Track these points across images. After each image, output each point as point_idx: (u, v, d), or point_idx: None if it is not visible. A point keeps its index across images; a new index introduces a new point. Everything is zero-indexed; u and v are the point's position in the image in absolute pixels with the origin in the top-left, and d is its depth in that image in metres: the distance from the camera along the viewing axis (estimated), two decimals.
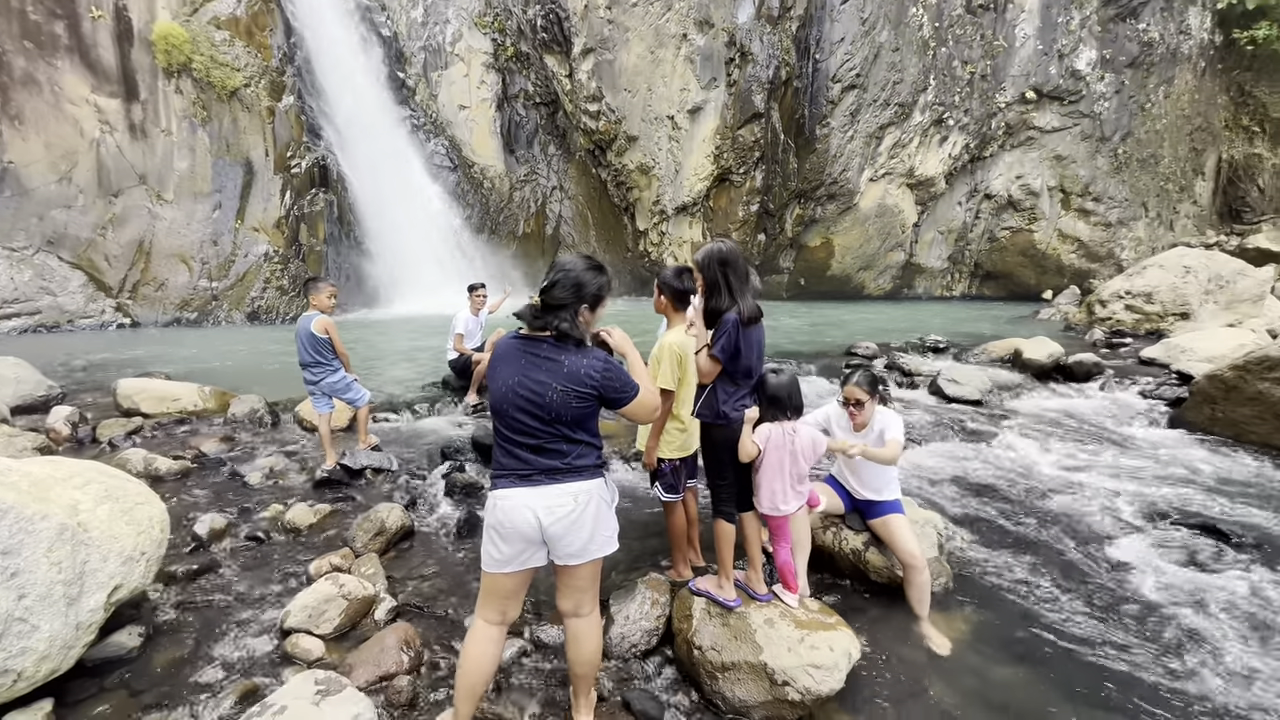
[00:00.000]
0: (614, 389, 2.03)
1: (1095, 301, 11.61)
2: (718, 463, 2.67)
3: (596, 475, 2.09)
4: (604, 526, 2.10)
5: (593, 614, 2.18)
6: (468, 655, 2.11)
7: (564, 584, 2.16)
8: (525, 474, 2.02)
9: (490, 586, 2.11)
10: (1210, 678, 2.74)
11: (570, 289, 2.02)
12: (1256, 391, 5.63)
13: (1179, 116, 19.71)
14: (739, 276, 2.63)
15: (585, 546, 2.05)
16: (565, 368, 1.99)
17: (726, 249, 2.66)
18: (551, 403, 1.98)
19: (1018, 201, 19.49)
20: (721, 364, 2.57)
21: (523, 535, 2.02)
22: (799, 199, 18.79)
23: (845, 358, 9.00)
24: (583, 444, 2.06)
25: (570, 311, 2.02)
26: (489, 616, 2.13)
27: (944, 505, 4.35)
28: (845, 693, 2.48)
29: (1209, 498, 4.59)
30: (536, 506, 1.99)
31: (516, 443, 2.03)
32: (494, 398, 2.05)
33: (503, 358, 2.07)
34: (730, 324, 2.54)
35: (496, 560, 2.07)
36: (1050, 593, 3.38)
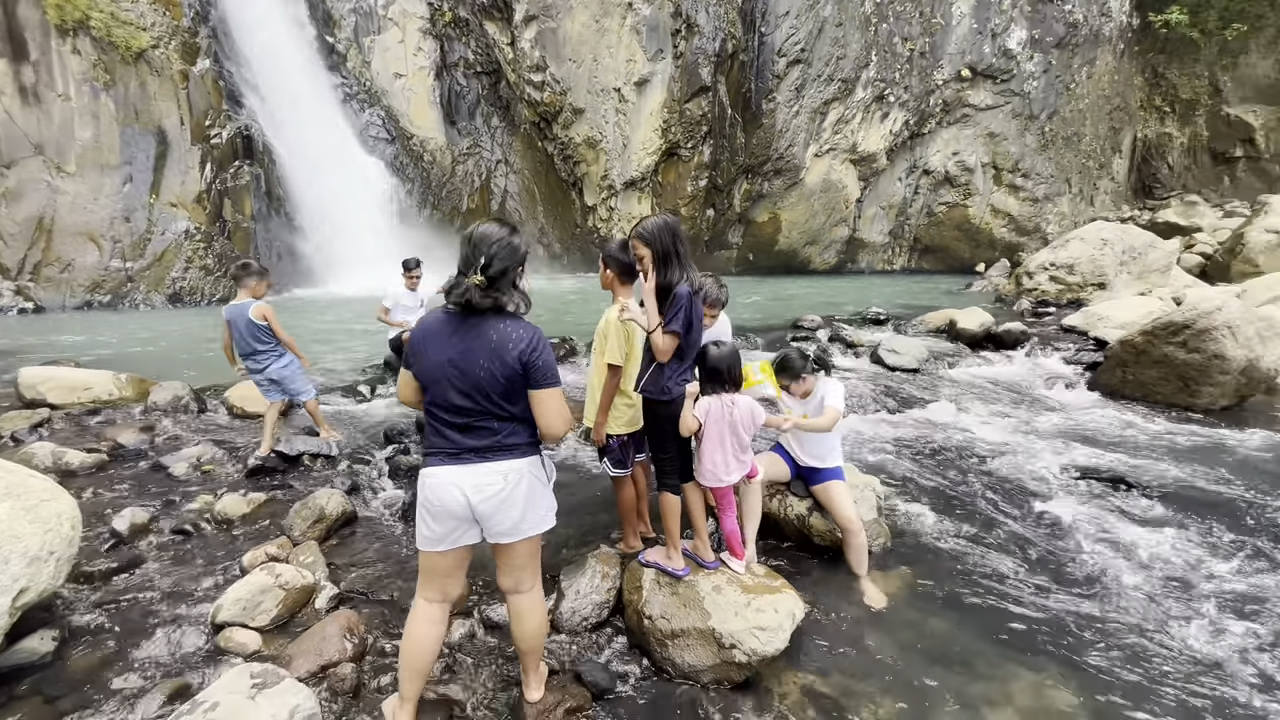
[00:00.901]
0: (540, 367, 1.96)
1: (1023, 273, 12.24)
2: (661, 436, 2.67)
3: (529, 453, 2.05)
4: (537, 505, 2.06)
5: (533, 590, 2.17)
6: (410, 635, 2.07)
7: (501, 562, 2.14)
8: (454, 452, 1.97)
9: (427, 565, 2.07)
10: (1117, 610, 2.98)
11: (508, 258, 1.95)
12: (1162, 355, 6.08)
13: (1100, 96, 20.77)
14: (686, 248, 2.62)
15: (517, 525, 2.02)
16: (494, 340, 1.93)
17: (673, 220, 2.64)
18: (482, 378, 1.93)
19: (954, 178, 20.21)
20: (681, 339, 2.55)
21: (452, 514, 1.98)
22: (747, 174, 18.91)
23: (792, 330, 9.20)
24: (514, 421, 2.01)
25: (510, 281, 1.96)
26: (429, 595, 2.09)
27: (884, 469, 4.53)
28: (790, 650, 2.57)
29: (1120, 453, 4.95)
30: (464, 485, 1.95)
31: (446, 421, 1.98)
32: (424, 375, 1.98)
33: (431, 333, 1.99)
34: (685, 297, 2.51)
35: (428, 538, 2.03)
36: (979, 546, 3.59)
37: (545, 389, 1.98)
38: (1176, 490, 4.28)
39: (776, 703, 2.44)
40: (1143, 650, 2.75)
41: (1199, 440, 5.30)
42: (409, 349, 2.03)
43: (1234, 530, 3.73)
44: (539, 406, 2.00)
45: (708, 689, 2.46)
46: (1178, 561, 3.41)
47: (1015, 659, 2.69)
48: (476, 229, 1.99)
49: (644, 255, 2.58)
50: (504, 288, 1.95)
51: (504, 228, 2.00)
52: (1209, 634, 2.85)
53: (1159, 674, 2.61)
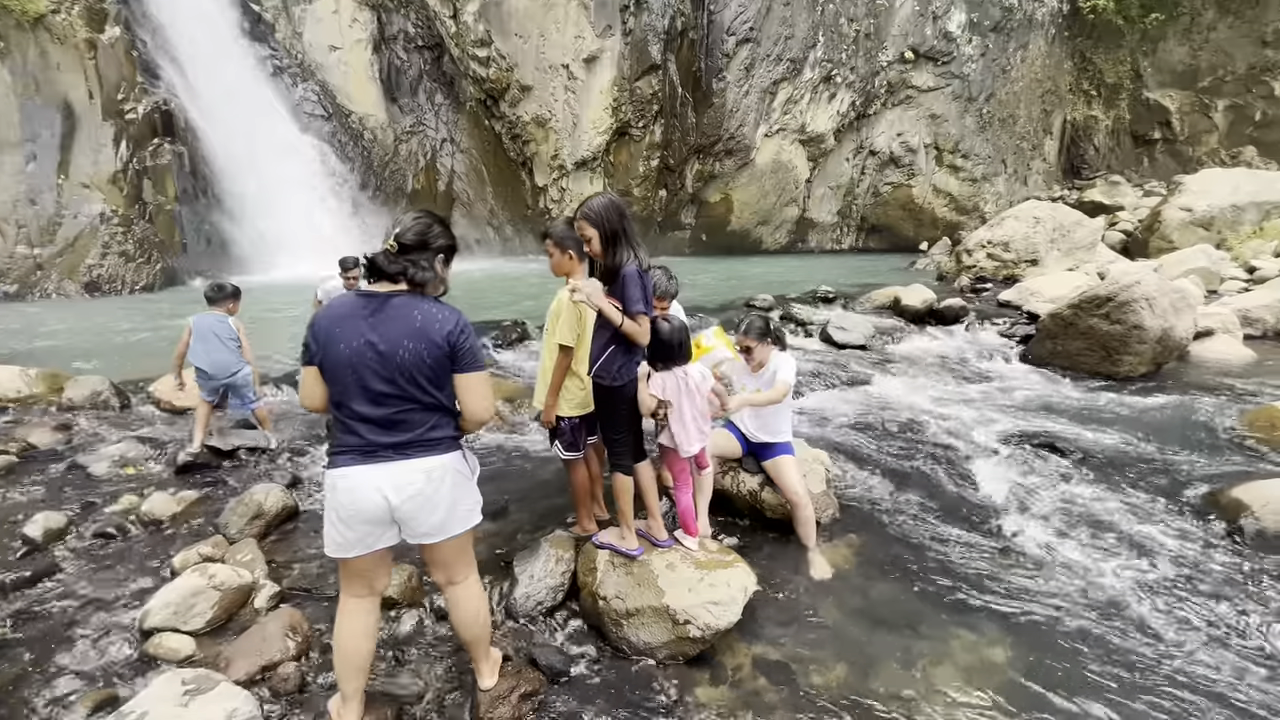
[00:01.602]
0: (467, 349, 1.88)
1: (962, 251, 12.72)
2: (613, 418, 2.65)
3: (452, 448, 1.95)
4: (462, 502, 1.98)
5: (468, 580, 2.10)
6: (340, 633, 1.99)
7: (429, 559, 2.07)
8: (369, 449, 1.83)
9: (345, 568, 1.97)
10: (1046, 568, 3.17)
11: (424, 233, 1.86)
12: (1087, 326, 6.44)
13: (1033, 80, 21.60)
14: (634, 227, 2.58)
15: (442, 524, 1.94)
16: (419, 321, 1.82)
17: (619, 199, 2.60)
18: (406, 361, 1.81)
19: (899, 158, 20.73)
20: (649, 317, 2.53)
21: (368, 518, 1.86)
22: (698, 154, 18.88)
23: (744, 310, 9.31)
24: (439, 412, 1.91)
25: (428, 258, 1.87)
26: (355, 591, 2.00)
27: (832, 443, 4.65)
28: (743, 623, 2.62)
29: (1049, 420, 5.24)
30: (384, 486, 1.83)
31: (360, 414, 1.83)
32: (332, 364, 1.82)
33: (341, 317, 1.83)
34: (635, 275, 2.48)
35: (339, 545, 1.90)
36: (922, 513, 3.74)
37: (472, 372, 1.90)
38: (1100, 453, 4.55)
39: (729, 674, 2.49)
40: (1069, 605, 2.93)
41: (1120, 406, 5.66)
42: (311, 338, 1.85)
43: (1148, 488, 4.01)
44: (466, 391, 1.91)
45: (663, 665, 2.49)
46: (1100, 520, 3.64)
47: (954, 620, 2.82)
48: (402, 213, 1.92)
49: (591, 237, 2.52)
50: (418, 261, 1.85)
51: (429, 214, 1.92)
52: (1126, 585, 3.05)
53: (1083, 626, 2.78)
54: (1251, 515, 3.43)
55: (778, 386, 3.22)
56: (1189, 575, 3.11)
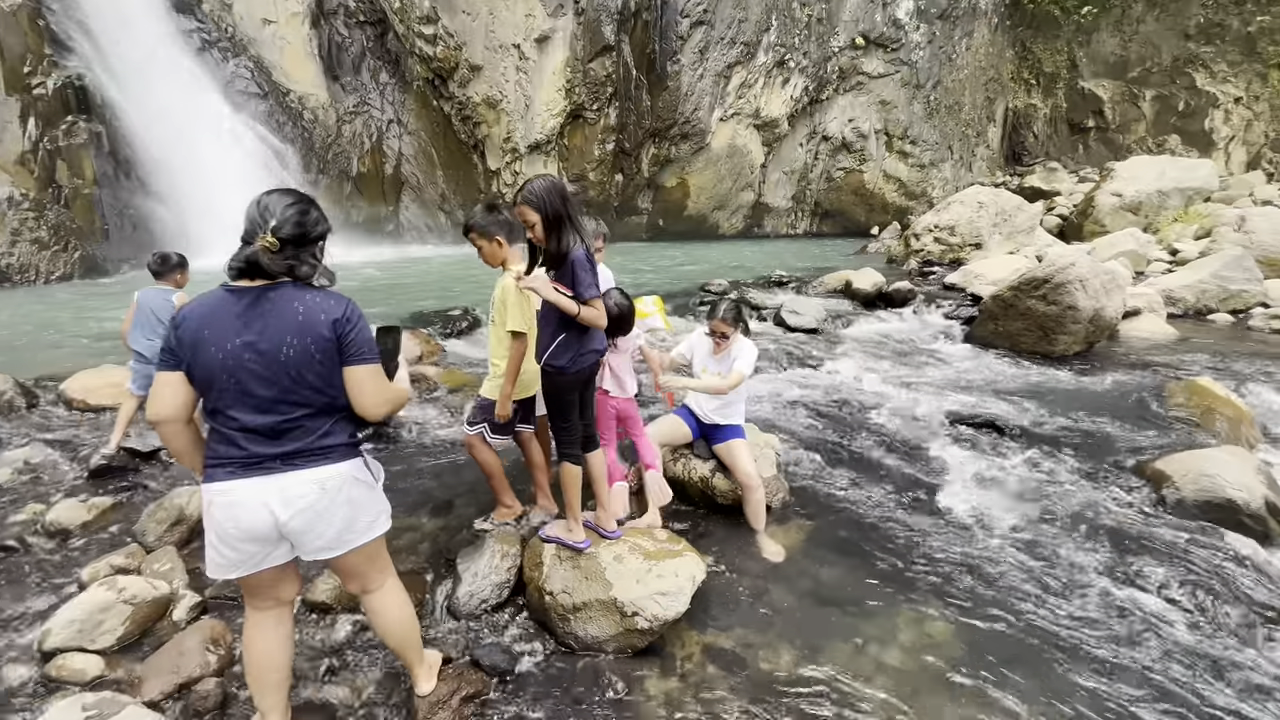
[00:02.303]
0: (357, 340, 1.72)
1: (911, 235, 13.03)
2: (563, 407, 2.56)
3: (350, 456, 1.79)
4: (363, 513, 1.82)
5: (384, 585, 1.97)
6: (248, 648, 1.85)
7: (336, 571, 1.94)
8: (252, 461, 1.66)
9: (242, 581, 1.81)
10: (987, 543, 3.26)
11: (307, 224, 1.69)
12: (1026, 307, 6.67)
13: (977, 68, 22.21)
14: (576, 209, 2.48)
15: (340, 537, 1.78)
16: (301, 314, 1.65)
17: (559, 181, 2.48)
18: (292, 359, 1.64)
19: (850, 144, 21.05)
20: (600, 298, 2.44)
21: (253, 536, 1.69)
22: (654, 138, 18.71)
23: (700, 295, 9.31)
24: (331, 415, 1.75)
25: (310, 252, 1.71)
26: (259, 603, 1.85)
27: (784, 427, 4.68)
28: (693, 611, 2.59)
29: (991, 399, 5.40)
30: (270, 500, 1.66)
31: (243, 424, 1.65)
32: (205, 370, 1.62)
33: (211, 317, 1.63)
34: (583, 256, 2.38)
35: (221, 566, 1.72)
36: (870, 494, 3.79)
37: (364, 365, 1.74)
38: (1037, 429, 4.72)
39: (679, 664, 2.46)
40: (1007, 576, 3.01)
41: (1056, 383, 5.89)
42: (174, 341, 1.63)
43: (1082, 462, 4.18)
44: (355, 387, 1.74)
45: (611, 659, 2.44)
46: (1037, 494, 3.77)
47: (900, 597, 2.87)
48: (265, 196, 1.70)
49: (534, 221, 2.41)
50: (302, 255, 1.68)
51: (299, 196, 1.72)
52: (1060, 555, 3.17)
53: (1019, 596, 2.87)
54: (1173, 485, 3.61)
55: (732, 375, 3.23)
56: (1118, 544, 3.25)
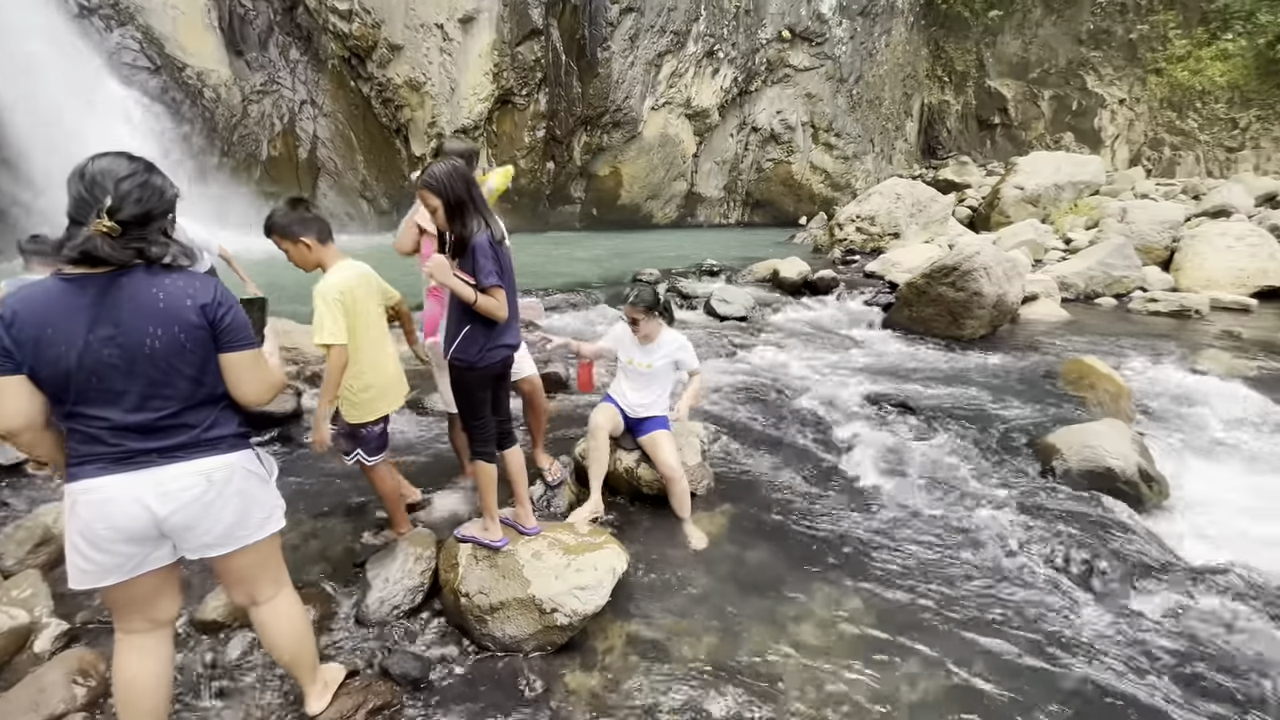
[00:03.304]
0: (232, 324, 1.58)
1: (835, 225, 13.51)
2: (473, 404, 2.47)
3: (239, 447, 1.68)
4: (257, 506, 1.71)
5: (277, 596, 1.84)
6: (119, 678, 1.67)
7: (222, 577, 1.80)
8: (125, 456, 1.51)
9: (110, 598, 1.64)
10: (897, 518, 3.42)
11: (149, 199, 1.50)
12: (937, 294, 7.04)
13: (895, 64, 23.19)
14: (482, 195, 2.38)
15: (230, 533, 1.66)
16: (163, 300, 1.50)
17: (462, 165, 2.37)
18: (156, 354, 1.50)
19: (779, 135, 21.55)
20: (502, 287, 2.32)
21: (129, 536, 1.54)
22: (586, 126, 18.49)
23: (631, 284, 9.30)
24: (217, 405, 1.63)
25: (158, 229, 1.53)
26: (130, 625, 1.67)
27: (709, 414, 4.74)
28: (615, 603, 2.58)
29: (905, 381, 5.68)
30: (146, 495, 1.52)
31: (112, 423, 1.50)
32: (53, 372, 1.45)
33: (50, 310, 1.44)
34: (488, 244, 2.28)
35: (88, 574, 1.56)
36: (793, 477, 3.90)
37: (242, 350, 1.61)
38: (946, 409, 5.00)
39: (600, 657, 2.45)
40: (914, 549, 3.17)
41: (964, 365, 6.26)
42: (6, 341, 1.43)
43: (985, 438, 4.46)
44: (235, 374, 1.61)
45: (530, 658, 2.39)
46: (944, 469, 3.98)
47: (817, 576, 2.96)
48: (92, 163, 1.47)
49: (435, 206, 2.30)
50: (149, 235, 1.50)
51: (135, 162, 1.51)
52: (963, 526, 3.36)
53: (927, 567, 3.03)
54: (1061, 457, 3.91)
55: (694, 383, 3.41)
56: (1014, 513, 3.47)
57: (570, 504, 3.40)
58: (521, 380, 3.34)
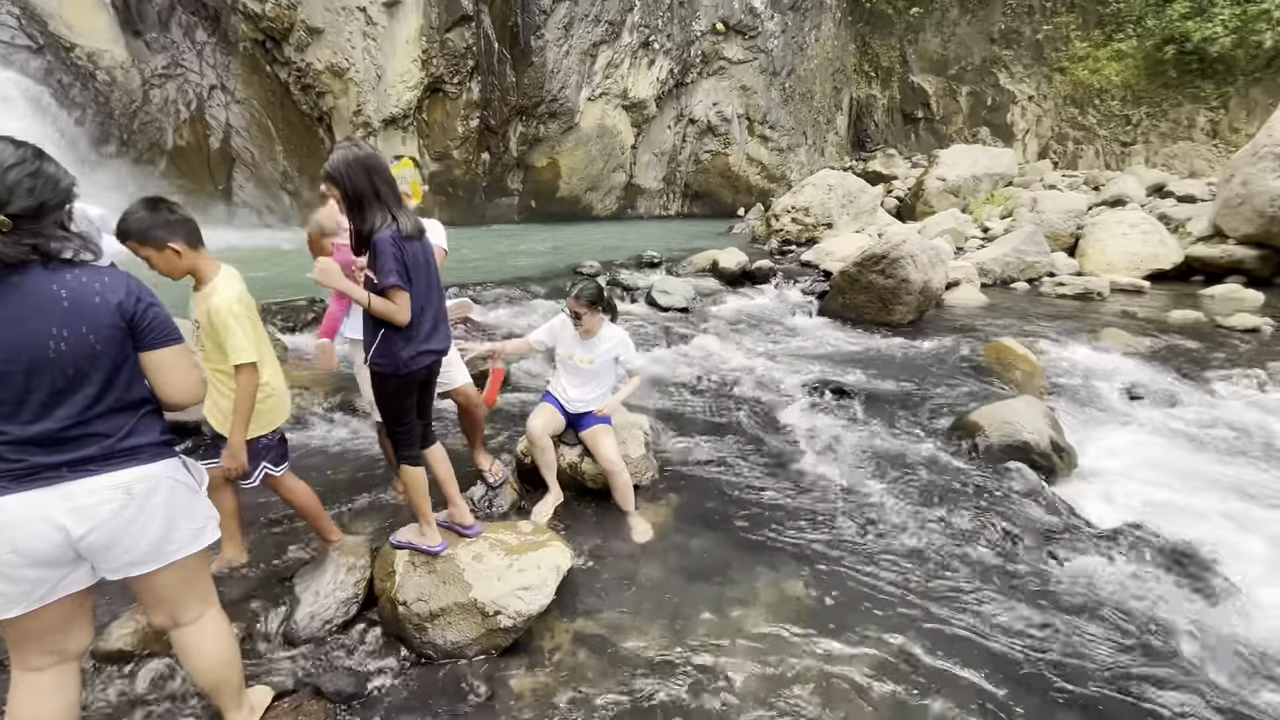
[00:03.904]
0: (154, 320, 1.47)
1: (771, 216, 13.80)
2: (399, 410, 2.36)
3: (162, 455, 1.56)
4: (186, 519, 1.61)
5: (203, 616, 1.73)
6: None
7: (142, 597, 1.67)
8: (28, 472, 1.38)
9: (10, 630, 1.50)
10: (833, 498, 3.53)
11: (43, 189, 1.36)
12: (868, 281, 7.32)
13: (825, 59, 23.84)
14: (390, 185, 2.20)
15: (156, 549, 1.55)
16: (67, 299, 1.38)
17: (365, 153, 2.19)
18: (64, 358, 1.38)
19: (715, 127, 21.77)
20: (407, 291, 2.17)
21: (35, 559, 1.40)
22: (521, 116, 18.09)
23: (572, 277, 9.20)
24: (136, 411, 1.50)
25: (54, 221, 1.40)
26: (32, 662, 1.52)
27: (653, 405, 4.75)
28: (560, 601, 2.55)
29: (840, 366, 5.88)
30: (56, 513, 1.40)
31: (9, 436, 1.37)
32: None
33: None
34: (390, 240, 2.13)
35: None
36: (736, 465, 3.96)
37: (167, 347, 1.50)
38: (878, 391, 5.21)
39: (547, 656, 2.41)
40: (851, 528, 3.28)
41: (894, 349, 6.53)
42: None
43: (914, 417, 4.67)
44: (161, 373, 1.50)
45: (474, 662, 2.33)
46: (877, 450, 4.15)
47: (761, 561, 3.02)
48: None
49: (336, 197, 2.17)
50: (45, 229, 1.37)
51: (23, 148, 1.37)
52: (894, 503, 3.51)
53: (862, 544, 3.14)
54: (983, 433, 4.14)
55: (631, 381, 3.44)
56: (942, 488, 3.65)
57: (513, 504, 3.33)
58: (454, 392, 3.16)
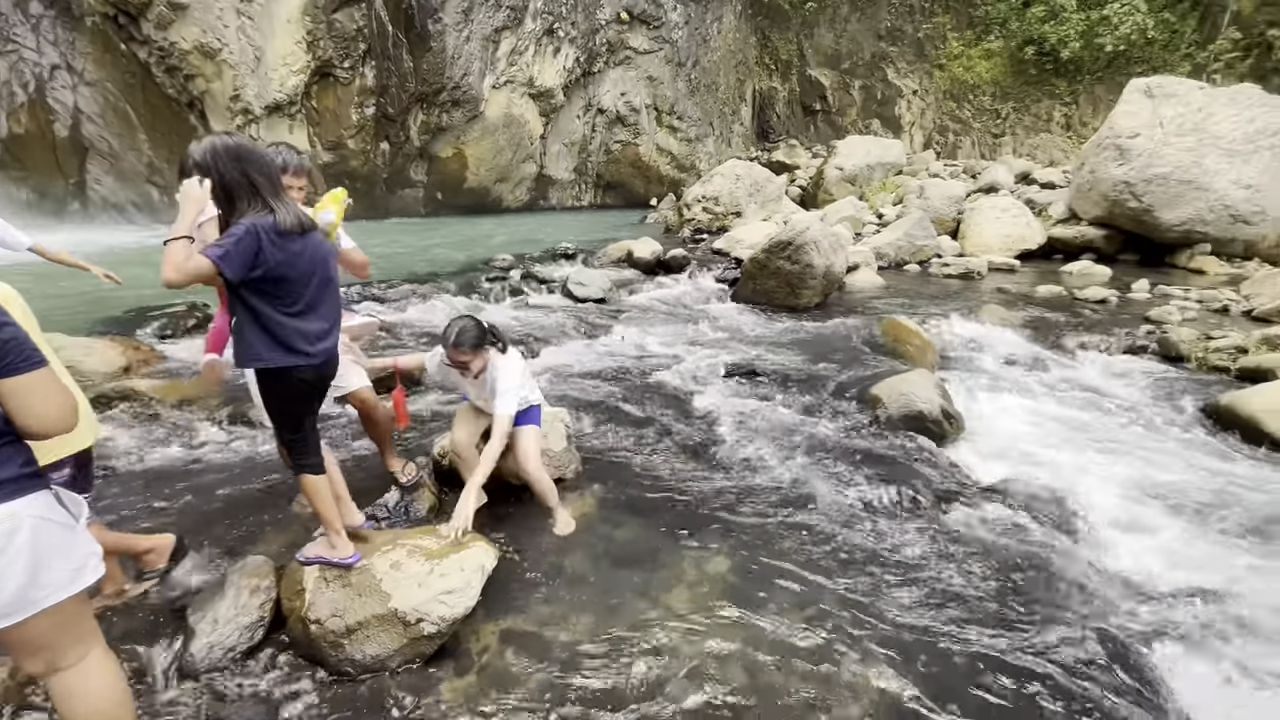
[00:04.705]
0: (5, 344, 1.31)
1: (683, 206, 14.06)
2: (292, 416, 2.21)
3: (26, 490, 1.40)
4: (60, 559, 1.44)
5: (85, 659, 1.56)
6: None
7: (13, 647, 1.50)
8: None
9: None
10: (750, 475, 3.68)
11: None
12: (776, 267, 7.63)
13: (728, 51, 24.43)
14: (269, 176, 2.02)
15: (23, 596, 1.39)
16: None
17: (235, 141, 2.00)
18: None
19: (624, 117, 21.79)
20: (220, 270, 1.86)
21: None
22: (422, 104, 17.27)
23: (485, 270, 8.96)
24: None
25: None
26: None
27: (574, 396, 4.74)
28: (487, 601, 2.49)
29: (753, 350, 6.10)
30: None
31: None
32: None
33: None
34: (251, 230, 1.91)
35: None
36: (657, 451, 4.03)
37: (26, 373, 1.34)
38: (788, 372, 5.46)
39: (475, 659, 2.36)
40: (767, 503, 3.44)
41: (802, 331, 6.87)
42: None
43: (822, 395, 4.94)
44: (23, 401, 1.34)
45: (398, 674, 2.24)
46: (789, 427, 4.36)
47: (684, 542, 3.10)
48: None
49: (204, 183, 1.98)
50: None
51: None
52: (806, 475, 3.70)
53: (779, 517, 3.29)
54: (883, 405, 4.45)
55: (496, 432, 2.88)
56: (849, 459, 3.90)
57: (432, 507, 3.22)
58: (350, 396, 2.99)
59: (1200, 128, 9.62)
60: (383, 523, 3.02)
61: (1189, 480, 3.87)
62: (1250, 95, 9.94)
